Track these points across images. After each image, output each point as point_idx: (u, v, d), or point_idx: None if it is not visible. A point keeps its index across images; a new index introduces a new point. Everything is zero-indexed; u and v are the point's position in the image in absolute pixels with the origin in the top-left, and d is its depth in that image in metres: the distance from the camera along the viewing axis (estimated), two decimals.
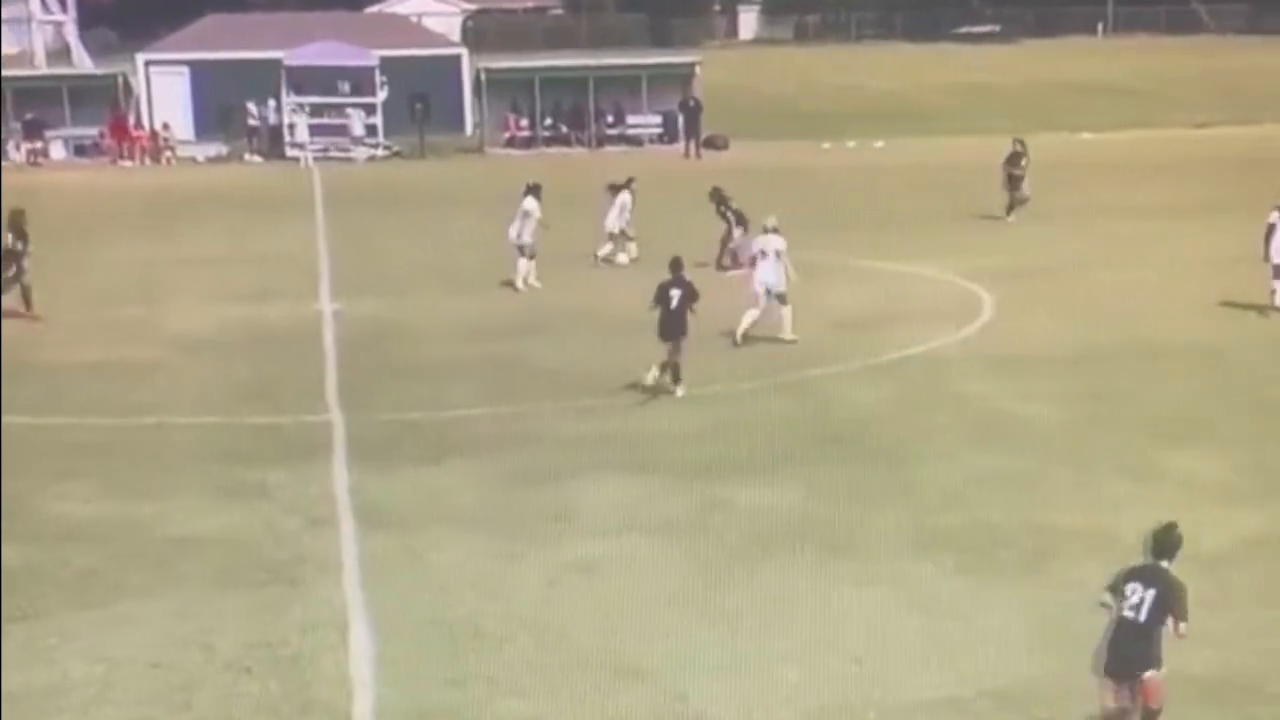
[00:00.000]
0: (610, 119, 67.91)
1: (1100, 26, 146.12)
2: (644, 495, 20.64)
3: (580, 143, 66.88)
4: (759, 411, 24.69)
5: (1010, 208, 42.64)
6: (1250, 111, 71.60)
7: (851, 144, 65.52)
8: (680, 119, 65.98)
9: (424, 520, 19.91)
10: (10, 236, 32.55)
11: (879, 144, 65.48)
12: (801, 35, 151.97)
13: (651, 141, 67.11)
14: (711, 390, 25.68)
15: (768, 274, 29.39)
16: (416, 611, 17.07)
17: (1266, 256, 30.98)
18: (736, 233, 35.27)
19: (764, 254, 29.56)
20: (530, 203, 34.58)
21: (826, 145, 65.24)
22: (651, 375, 25.60)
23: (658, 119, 67.98)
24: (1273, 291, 30.73)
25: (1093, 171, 51.65)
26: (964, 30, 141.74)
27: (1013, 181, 42.88)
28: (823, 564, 18.09)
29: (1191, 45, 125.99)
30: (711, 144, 65.23)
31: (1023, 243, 38.50)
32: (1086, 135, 65.52)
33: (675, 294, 25.91)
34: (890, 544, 18.64)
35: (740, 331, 28.73)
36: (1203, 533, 18.32)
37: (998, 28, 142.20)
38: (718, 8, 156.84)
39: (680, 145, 64.66)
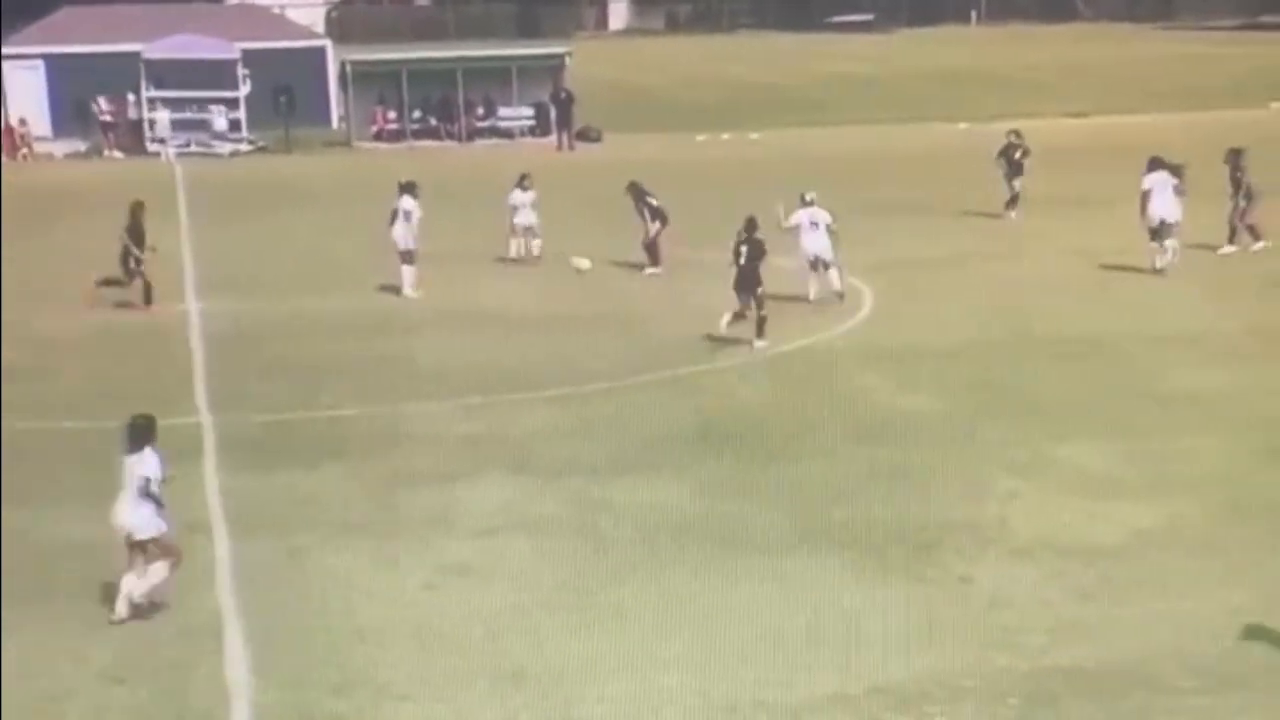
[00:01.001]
0: (480, 111, 67.41)
1: (973, 14, 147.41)
2: (525, 495, 20.35)
3: (450, 136, 66.35)
4: (639, 408, 24.40)
5: (1012, 202, 41.30)
6: (1127, 100, 72.13)
7: (726, 136, 65.41)
8: (552, 111, 65.63)
9: (300, 523, 19.49)
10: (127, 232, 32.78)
11: (754, 136, 65.39)
12: (673, 25, 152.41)
13: (523, 134, 66.73)
14: (591, 388, 25.43)
15: (816, 243, 30.97)
16: (295, 617, 16.70)
17: (1143, 221, 33.23)
18: (653, 228, 34.78)
19: (814, 225, 31.03)
20: (409, 201, 33.60)
21: (701, 137, 65.14)
22: (724, 323, 27.82)
23: (529, 111, 67.60)
24: (1152, 253, 32.92)
25: (970, 162, 51.59)
26: (837, 20, 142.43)
27: (1013, 172, 41.55)
28: (708, 563, 17.84)
29: (1066, 33, 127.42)
30: (585, 136, 64.99)
31: (902, 235, 38.41)
32: (963, 125, 65.73)
33: (745, 250, 27.87)
34: (776, 541, 18.41)
35: (813, 296, 31.01)
36: (1091, 526, 18.45)
37: (871, 17, 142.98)
38: None
39: (553, 138, 64.34)
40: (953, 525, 18.62)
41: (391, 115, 66.76)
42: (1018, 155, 41.44)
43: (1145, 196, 33.19)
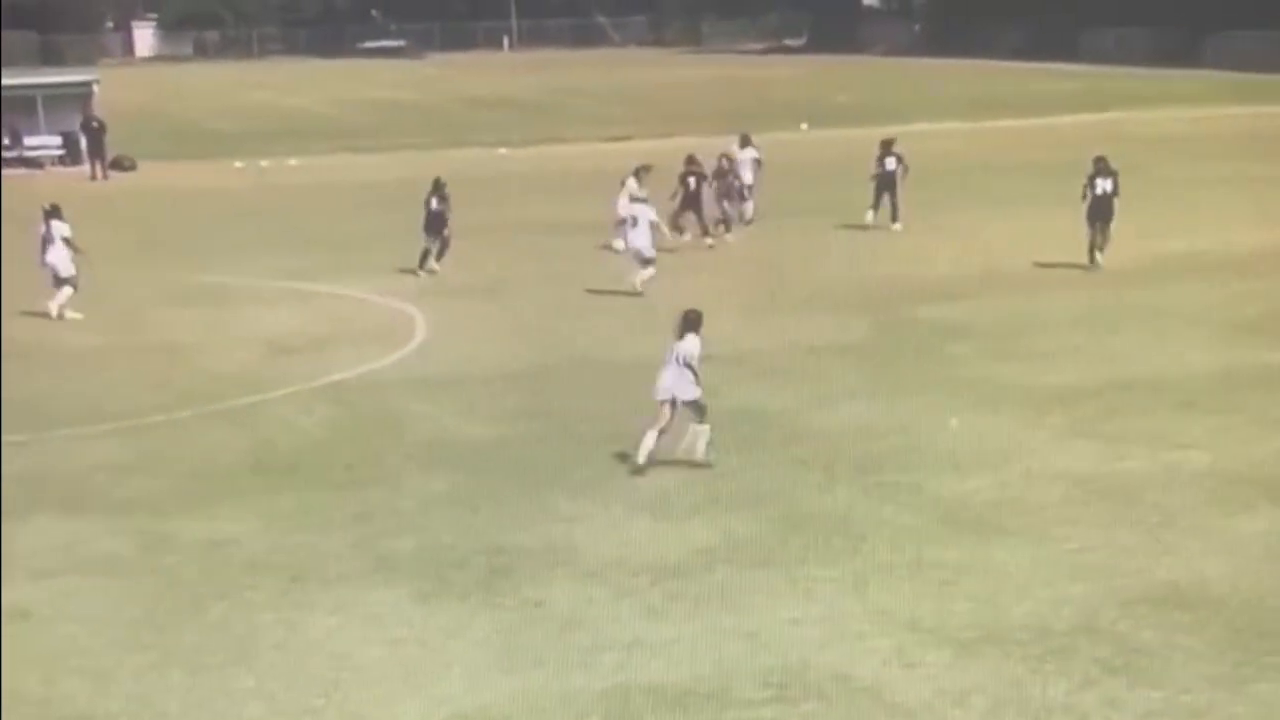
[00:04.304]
0: (6, 141, 65.26)
1: (506, 41, 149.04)
2: (83, 535, 19.77)
3: None
4: (197, 441, 24.02)
5: (724, 224, 41.20)
6: (664, 124, 73.55)
7: (265, 163, 64.71)
8: (83, 140, 64.02)
9: None
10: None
11: (294, 162, 64.86)
12: (202, 52, 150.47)
13: (54, 164, 64.90)
14: (145, 421, 24.92)
15: (638, 239, 33.78)
16: None
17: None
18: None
19: (634, 221, 34.01)
20: (62, 227, 32.86)
21: (239, 164, 64.31)
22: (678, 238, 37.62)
23: (58, 140, 65.82)
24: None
25: (511, 187, 52.24)
26: (370, 45, 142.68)
27: (730, 194, 41.53)
28: (279, 596, 17.66)
29: (598, 58, 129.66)
30: (118, 165, 63.62)
31: (447, 260, 38.47)
32: (503, 151, 66.34)
33: (692, 180, 38.84)
34: (346, 572, 18.31)
35: (639, 283, 33.40)
36: (655, 544, 18.77)
37: (403, 43, 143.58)
38: (110, 25, 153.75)
39: (85, 167, 62.77)
40: (522, 549, 18.76)
41: None
42: (729, 178, 41.55)
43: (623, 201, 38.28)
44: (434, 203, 36.93)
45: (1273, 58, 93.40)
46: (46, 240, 32.91)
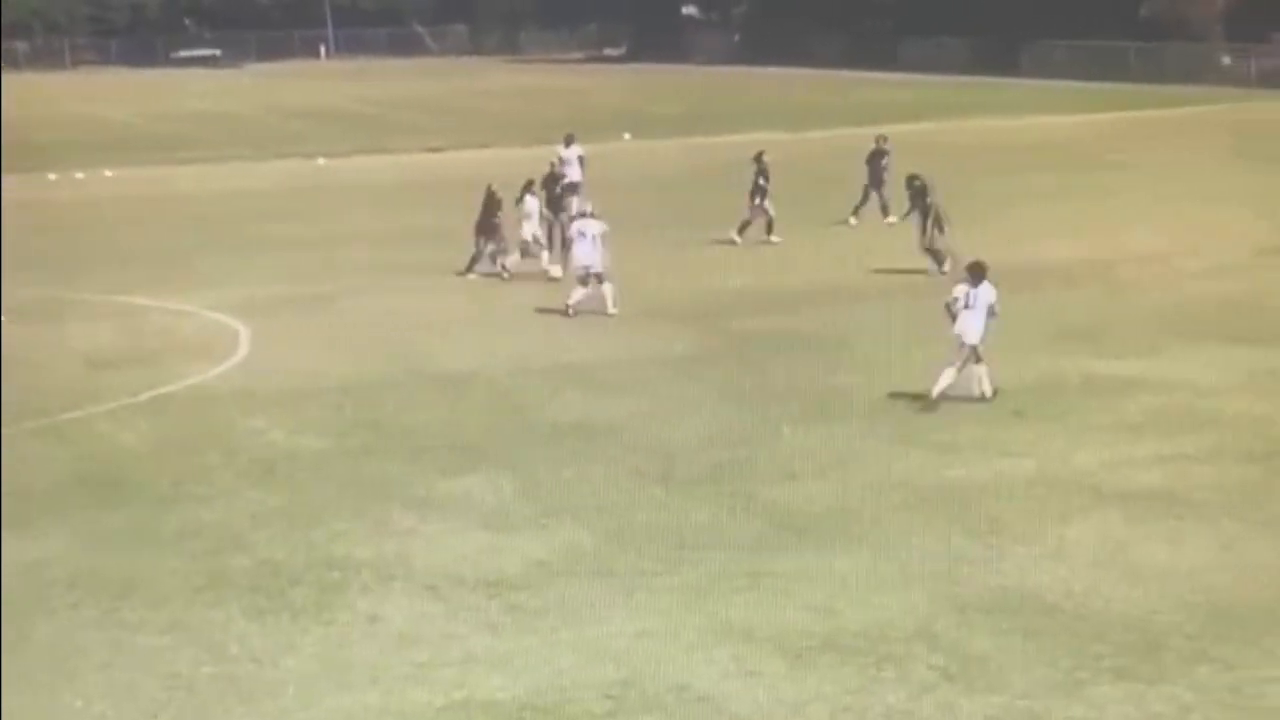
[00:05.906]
0: None
1: (323, 50, 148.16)
2: None
3: None
4: (16, 458, 23.38)
5: (768, 227, 40.48)
6: (479, 135, 73.38)
7: (80, 175, 63.67)
8: None
9: None
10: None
11: (110, 174, 63.85)
12: (12, 63, 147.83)
13: None
14: None
15: (586, 254, 31.89)
16: None
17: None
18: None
19: (581, 235, 32.18)
20: None
21: (53, 176, 63.21)
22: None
23: None
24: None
25: (332, 198, 51.77)
26: (184, 55, 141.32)
27: (759, 194, 40.57)
28: (106, 615, 17.33)
29: (416, 68, 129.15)
30: None
31: (269, 273, 38.08)
32: (322, 161, 65.81)
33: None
34: (175, 590, 18.00)
35: (572, 304, 31.79)
36: (491, 558, 18.67)
37: (218, 52, 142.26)
38: None
39: None
40: (356, 564, 18.55)
41: None
42: (761, 180, 40.66)
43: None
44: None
45: (1088, 67, 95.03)
46: None
